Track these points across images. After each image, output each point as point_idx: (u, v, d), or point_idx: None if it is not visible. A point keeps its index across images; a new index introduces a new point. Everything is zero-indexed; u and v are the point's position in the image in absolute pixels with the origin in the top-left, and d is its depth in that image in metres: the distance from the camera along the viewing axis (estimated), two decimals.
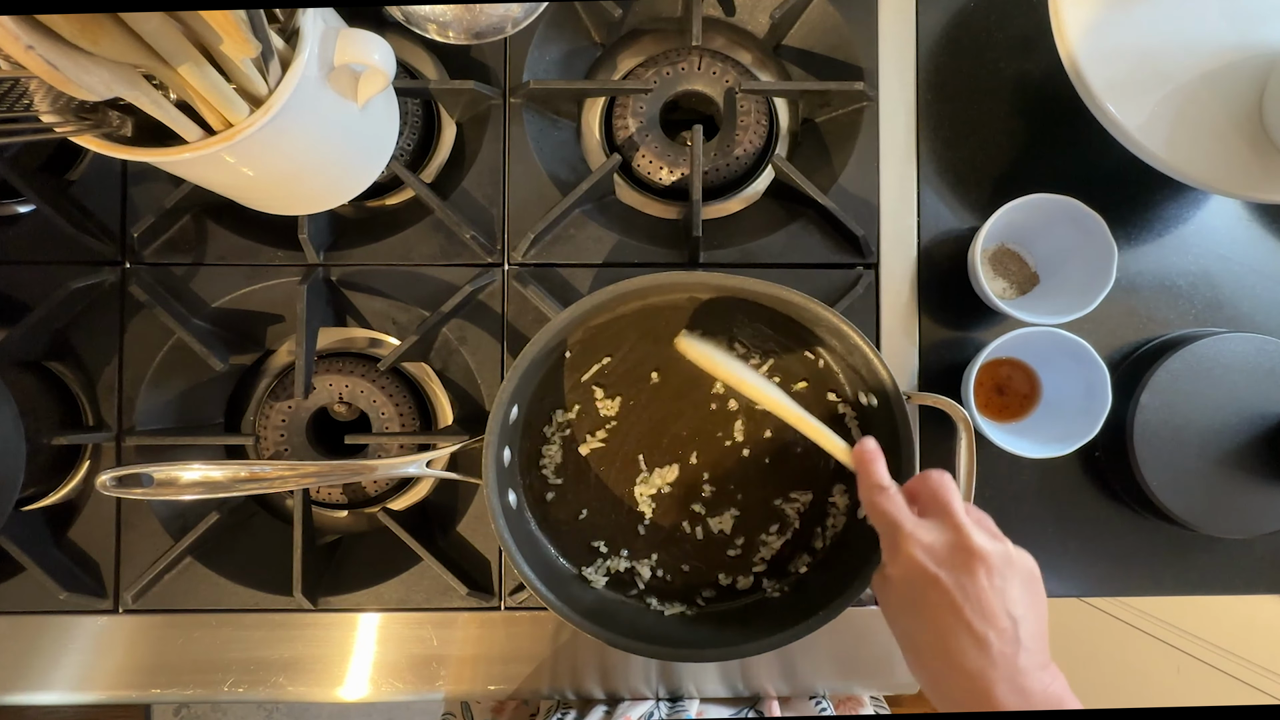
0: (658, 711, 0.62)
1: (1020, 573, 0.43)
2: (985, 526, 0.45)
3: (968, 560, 0.42)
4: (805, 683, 0.64)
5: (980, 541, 0.43)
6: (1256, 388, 0.60)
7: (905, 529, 0.45)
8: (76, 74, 0.36)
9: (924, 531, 0.44)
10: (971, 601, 0.41)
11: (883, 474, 0.48)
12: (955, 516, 0.44)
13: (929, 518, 0.45)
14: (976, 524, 0.44)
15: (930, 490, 0.46)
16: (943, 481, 0.46)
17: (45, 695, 0.63)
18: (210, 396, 0.65)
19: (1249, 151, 0.56)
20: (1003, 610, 0.41)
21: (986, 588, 0.41)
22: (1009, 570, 0.42)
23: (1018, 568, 0.43)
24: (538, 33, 0.62)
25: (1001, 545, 0.43)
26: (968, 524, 0.43)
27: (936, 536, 0.44)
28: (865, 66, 0.63)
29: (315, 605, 0.60)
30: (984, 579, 0.42)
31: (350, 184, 0.57)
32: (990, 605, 0.41)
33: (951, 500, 0.45)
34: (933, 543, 0.43)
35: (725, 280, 0.55)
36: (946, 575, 0.42)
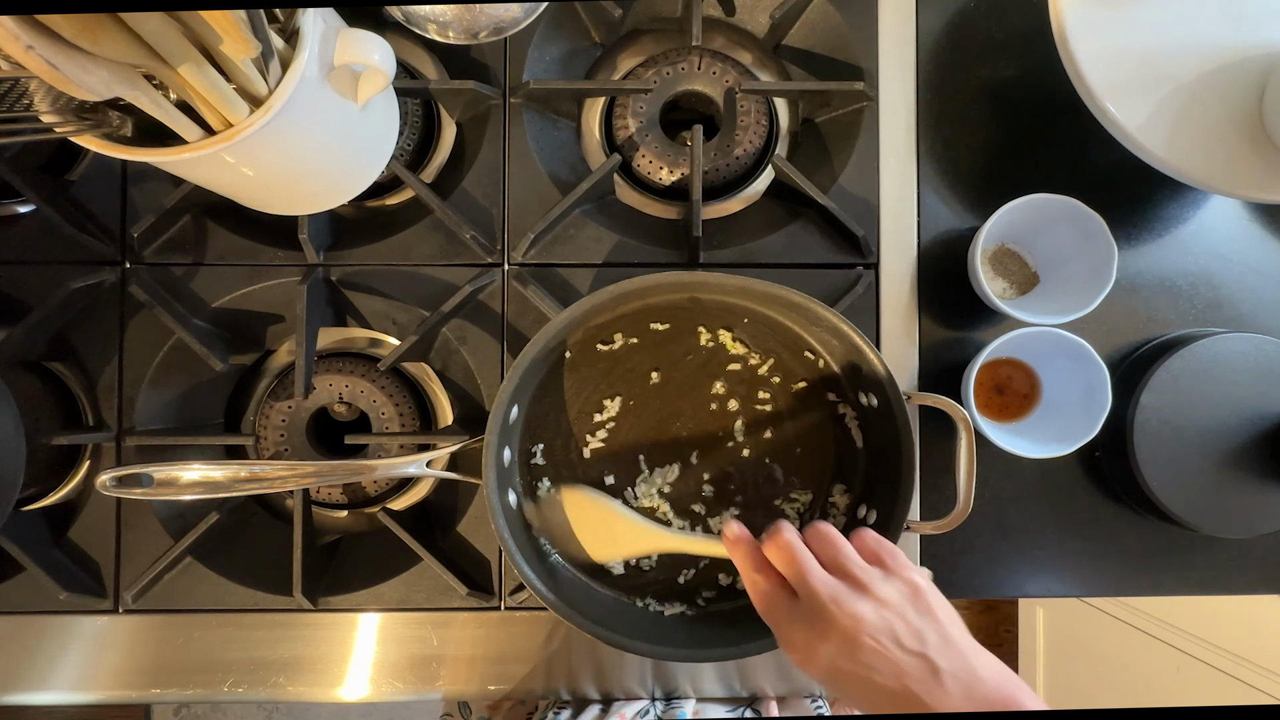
0: (653, 710, 0.62)
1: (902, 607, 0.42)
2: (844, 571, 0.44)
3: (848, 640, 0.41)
4: (803, 683, 0.64)
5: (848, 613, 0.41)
6: (1256, 388, 0.60)
7: (785, 637, 0.44)
8: (76, 74, 0.36)
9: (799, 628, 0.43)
10: (877, 670, 0.40)
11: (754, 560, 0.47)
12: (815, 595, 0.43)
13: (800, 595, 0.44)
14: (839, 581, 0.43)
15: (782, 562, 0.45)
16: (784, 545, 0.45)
17: (45, 695, 0.63)
18: (210, 396, 0.65)
19: (1249, 151, 0.56)
20: (904, 656, 0.40)
21: (878, 650, 0.40)
22: (890, 617, 0.41)
23: (894, 605, 0.42)
24: (538, 33, 0.62)
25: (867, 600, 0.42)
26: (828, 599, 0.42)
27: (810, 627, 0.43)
28: (865, 66, 0.63)
29: (315, 605, 0.60)
30: (871, 644, 0.41)
31: (350, 184, 0.57)
32: (894, 662, 0.40)
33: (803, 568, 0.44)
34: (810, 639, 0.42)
35: (725, 280, 0.55)
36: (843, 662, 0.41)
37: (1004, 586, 0.65)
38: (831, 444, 0.60)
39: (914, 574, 0.44)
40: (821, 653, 0.42)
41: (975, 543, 0.64)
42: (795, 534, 0.46)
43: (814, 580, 0.43)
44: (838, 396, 0.60)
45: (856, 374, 0.58)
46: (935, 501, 0.63)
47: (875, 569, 0.44)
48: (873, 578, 0.43)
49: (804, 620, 0.43)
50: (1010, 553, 0.64)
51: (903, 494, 0.54)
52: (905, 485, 0.54)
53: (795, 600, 0.45)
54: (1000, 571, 0.64)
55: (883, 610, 0.42)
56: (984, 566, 0.64)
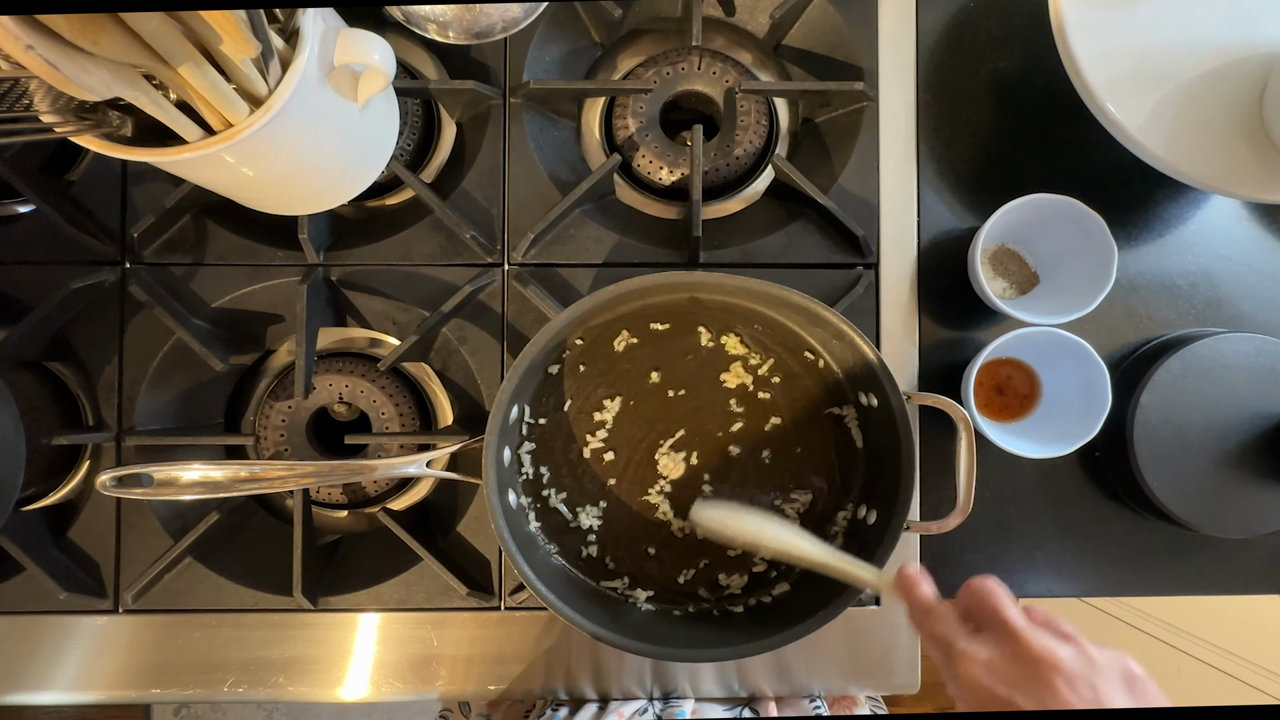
0: (652, 709, 0.62)
1: (1113, 675, 0.36)
2: (1055, 628, 0.39)
3: (1037, 672, 0.36)
4: (802, 683, 0.64)
5: (1044, 644, 0.37)
6: (1256, 388, 0.60)
7: (957, 647, 0.39)
8: (76, 74, 0.36)
9: (978, 648, 0.38)
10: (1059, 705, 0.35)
11: (928, 596, 0.43)
12: (1009, 623, 0.38)
13: (986, 629, 0.40)
14: (1040, 626, 0.39)
15: (976, 598, 0.41)
16: (987, 586, 0.41)
17: (45, 695, 0.63)
18: (210, 396, 0.65)
19: (1249, 151, 0.56)
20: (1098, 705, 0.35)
21: (1074, 700, 0.35)
22: (1094, 674, 0.36)
23: (1105, 669, 0.36)
24: (538, 33, 0.62)
25: (1071, 646, 0.37)
26: (1024, 627, 0.38)
27: (993, 651, 0.38)
28: (865, 66, 0.63)
29: (315, 605, 0.60)
30: (1066, 691, 0.35)
31: (350, 184, 0.57)
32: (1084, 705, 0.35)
33: (1001, 605, 0.39)
34: (990, 659, 0.38)
35: (725, 280, 0.55)
36: (1020, 696, 0.36)
37: None
38: (831, 444, 0.60)
39: (1131, 660, 0.38)
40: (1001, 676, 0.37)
41: (975, 543, 0.64)
42: (1000, 582, 0.42)
43: (1013, 613, 0.39)
44: (837, 397, 0.60)
45: (856, 374, 0.58)
46: (935, 501, 0.63)
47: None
48: (1083, 639, 0.38)
49: (988, 645, 0.39)
50: (1010, 553, 0.64)
51: (903, 494, 0.54)
52: (905, 485, 0.54)
53: (975, 632, 0.40)
54: (1000, 571, 0.64)
55: (1087, 662, 0.37)
56: (984, 566, 0.64)
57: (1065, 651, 0.37)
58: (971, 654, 0.38)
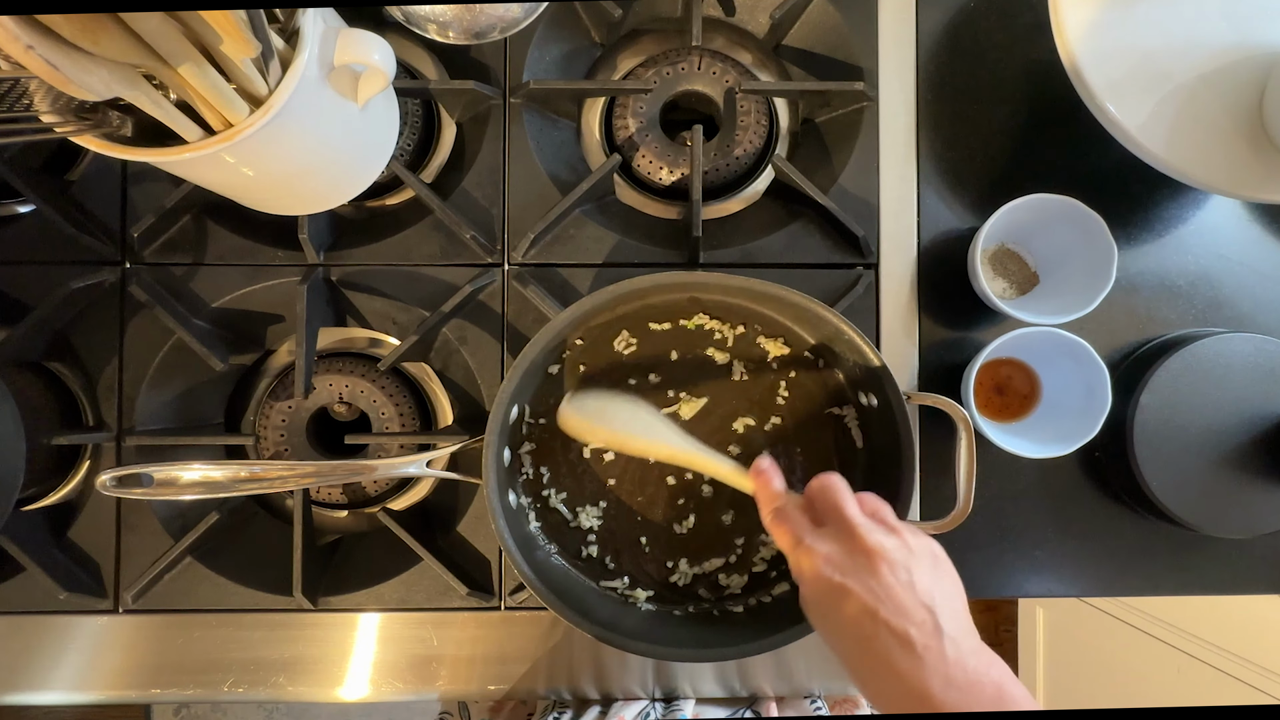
0: (654, 711, 0.62)
1: (924, 559, 0.42)
2: (882, 519, 0.44)
3: (868, 561, 0.41)
4: (802, 683, 0.64)
5: (875, 539, 0.42)
6: (1256, 388, 0.60)
7: (804, 544, 0.44)
8: (76, 74, 0.36)
9: (820, 542, 0.43)
10: (884, 602, 0.40)
11: (777, 490, 0.48)
12: (848, 520, 0.43)
13: (827, 523, 0.45)
14: (871, 519, 0.44)
15: (821, 497, 0.46)
16: (829, 483, 0.46)
17: (45, 695, 0.63)
18: (210, 396, 0.65)
19: (1249, 151, 0.56)
20: (916, 603, 0.40)
21: (893, 584, 0.41)
22: (911, 560, 0.42)
23: (919, 554, 0.42)
24: (538, 33, 0.62)
25: (896, 537, 0.43)
26: (860, 523, 0.43)
27: (833, 544, 0.43)
28: (865, 66, 0.63)
29: (315, 605, 0.60)
30: (888, 575, 0.41)
31: (350, 184, 0.57)
32: (902, 600, 0.40)
33: (841, 501, 0.44)
34: (830, 551, 0.43)
35: (725, 280, 0.55)
36: (852, 581, 0.41)
37: (1004, 586, 0.65)
38: (831, 444, 0.60)
39: (936, 545, 0.44)
40: (838, 568, 0.42)
41: (975, 543, 0.64)
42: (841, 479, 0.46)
43: (849, 508, 0.44)
44: (838, 397, 0.60)
45: (856, 374, 0.58)
46: (935, 501, 0.63)
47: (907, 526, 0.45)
48: (905, 530, 0.44)
49: (827, 539, 0.43)
50: (1010, 553, 0.64)
51: (903, 494, 0.54)
52: (905, 485, 0.54)
53: (817, 528, 0.45)
54: (1000, 571, 0.64)
55: (906, 551, 0.42)
56: (984, 566, 0.64)
57: (891, 542, 0.42)
58: (814, 548, 0.43)
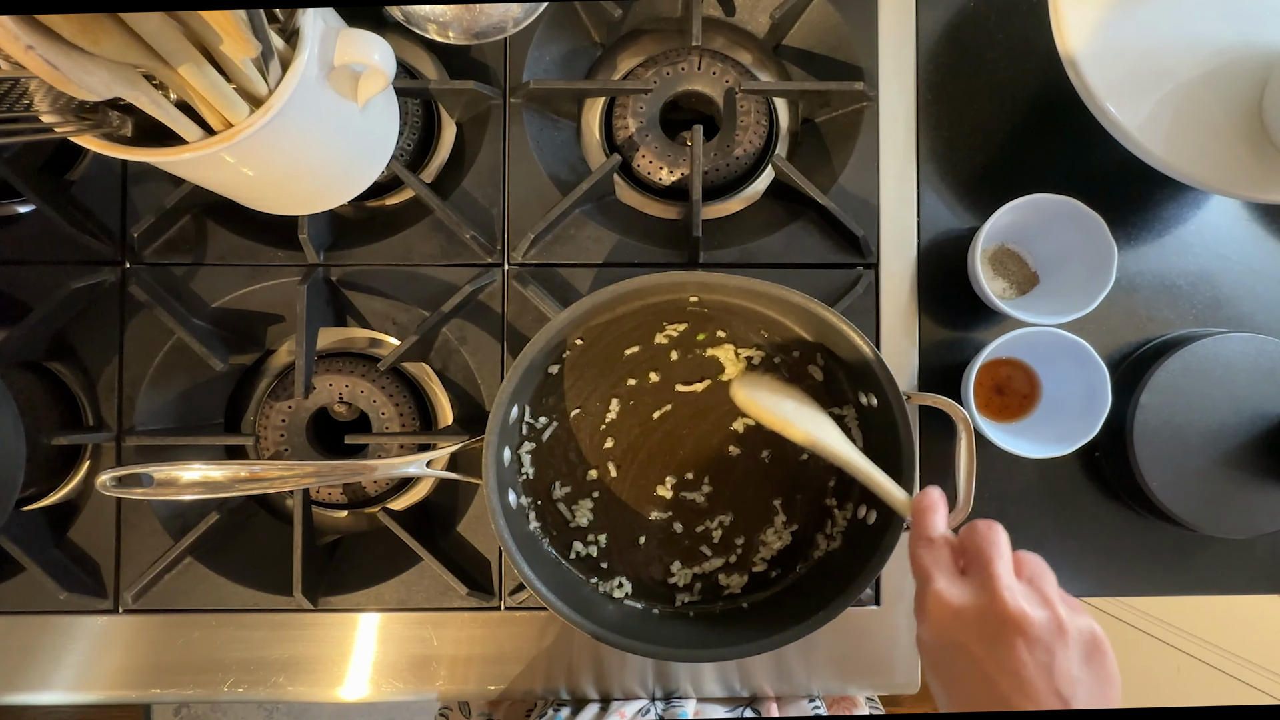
0: (654, 710, 0.62)
1: (1077, 646, 0.37)
2: (1037, 588, 0.39)
3: (1001, 628, 0.37)
4: (802, 683, 0.64)
5: (1018, 606, 0.37)
6: (1256, 388, 0.60)
7: (933, 587, 0.40)
8: (76, 74, 0.36)
9: (955, 591, 0.39)
10: (1008, 675, 0.36)
11: (935, 526, 0.43)
12: (994, 578, 0.38)
13: (971, 574, 0.40)
14: (1024, 585, 0.39)
15: (974, 544, 0.41)
16: (988, 535, 0.41)
17: (45, 695, 0.63)
18: (210, 396, 0.65)
19: (1249, 151, 0.56)
20: (1048, 689, 0.36)
21: (1027, 662, 0.36)
22: (1057, 642, 0.37)
23: (1072, 640, 0.37)
24: (538, 33, 0.62)
25: (1047, 612, 0.37)
26: (1006, 585, 0.38)
27: (969, 598, 0.39)
28: (865, 66, 0.63)
29: (315, 605, 0.60)
30: (1023, 652, 0.36)
31: (350, 184, 0.57)
32: (1031, 682, 0.36)
33: (993, 556, 0.39)
34: (963, 605, 0.38)
35: (725, 280, 0.55)
36: (976, 645, 0.37)
37: None
38: None
39: (1099, 631, 0.39)
40: (966, 623, 0.38)
41: None
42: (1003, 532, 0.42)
43: (1000, 565, 0.39)
44: (838, 397, 0.60)
45: (856, 374, 0.58)
46: None
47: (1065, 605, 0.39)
48: (1061, 605, 0.38)
49: (966, 589, 0.39)
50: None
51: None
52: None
53: (960, 577, 0.41)
54: None
55: (1055, 630, 0.37)
56: None
57: (1037, 614, 0.37)
58: (944, 595, 0.39)
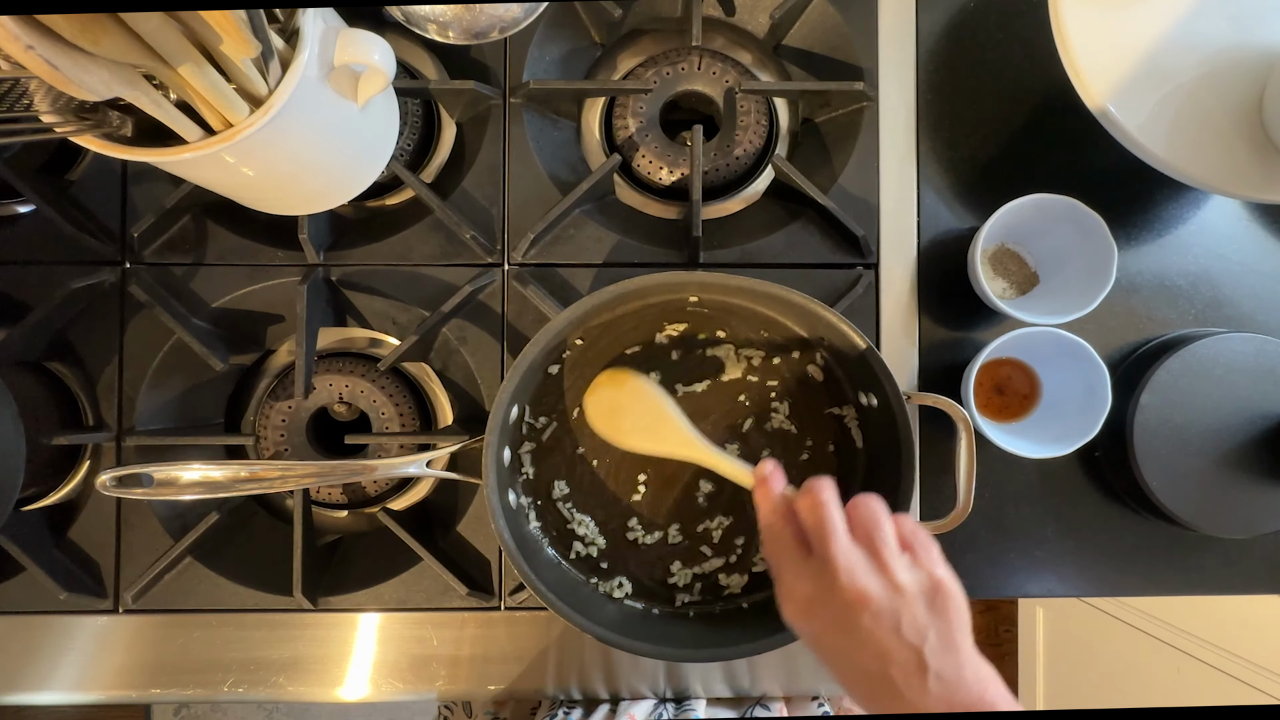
0: (665, 712, 0.62)
1: (917, 600, 0.40)
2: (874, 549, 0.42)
3: (845, 611, 0.40)
4: (809, 684, 0.64)
5: (857, 585, 0.40)
6: (1256, 388, 0.60)
7: (782, 586, 0.43)
8: (76, 74, 0.36)
9: (800, 583, 0.42)
10: (865, 649, 0.39)
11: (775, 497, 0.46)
12: (831, 558, 0.41)
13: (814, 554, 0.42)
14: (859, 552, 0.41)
15: (806, 516, 0.43)
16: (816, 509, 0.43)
17: (45, 695, 0.63)
18: (210, 396, 0.65)
19: (1249, 151, 0.56)
20: (899, 645, 0.39)
21: (875, 631, 0.39)
22: (900, 604, 0.40)
23: (911, 596, 0.40)
24: (538, 33, 0.62)
25: (881, 580, 0.40)
26: (841, 565, 0.41)
27: (812, 587, 0.42)
28: (865, 66, 0.63)
29: (315, 605, 0.60)
30: (869, 623, 0.39)
31: (350, 184, 0.57)
32: (883, 644, 0.39)
33: (826, 535, 0.42)
34: (809, 597, 0.42)
35: (725, 280, 0.55)
36: (830, 634, 0.41)
37: (1004, 586, 0.65)
38: (831, 444, 0.60)
39: (941, 570, 0.42)
40: (816, 614, 0.41)
41: (975, 543, 0.64)
42: (834, 494, 0.44)
43: (835, 545, 0.41)
44: (838, 397, 0.60)
45: (856, 374, 0.58)
46: (935, 501, 0.63)
47: (905, 555, 0.42)
48: (897, 562, 0.41)
49: (810, 577, 0.42)
50: (1010, 553, 0.64)
51: (903, 494, 0.54)
52: (905, 485, 0.54)
53: (807, 555, 0.43)
54: (1000, 571, 0.64)
55: (894, 595, 0.40)
56: (984, 566, 0.64)
57: (874, 587, 0.40)
58: (792, 592, 0.42)
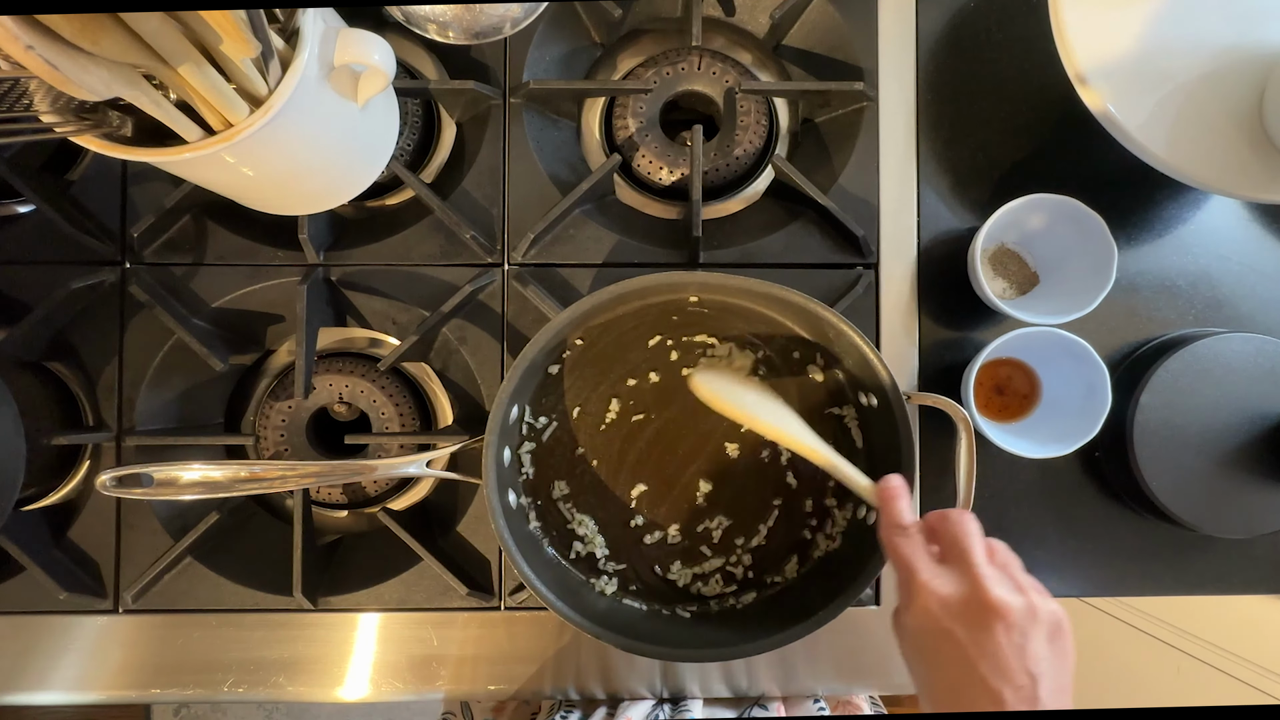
0: (661, 713, 0.62)
1: (1044, 627, 0.41)
2: (1010, 574, 0.42)
3: (983, 615, 0.40)
4: (805, 683, 0.64)
5: (999, 595, 0.40)
6: (1256, 388, 0.60)
7: (920, 578, 0.43)
8: (76, 74, 0.36)
9: (940, 582, 0.42)
10: (987, 658, 0.39)
11: (904, 513, 0.47)
12: (974, 567, 0.42)
13: (949, 563, 0.43)
14: (999, 571, 0.42)
15: (950, 534, 0.44)
16: (963, 525, 0.44)
17: (45, 695, 0.63)
18: (210, 396, 0.65)
19: (1249, 151, 0.56)
20: (1020, 668, 0.39)
21: (1004, 644, 0.40)
22: (1031, 626, 0.40)
23: (1041, 622, 0.41)
24: (538, 33, 0.62)
25: (1023, 598, 0.41)
26: (986, 575, 0.41)
27: (953, 588, 0.42)
28: (865, 66, 0.63)
29: (315, 605, 0.60)
30: (1001, 636, 0.40)
31: (350, 184, 0.57)
32: (1007, 663, 0.39)
33: (971, 547, 0.43)
34: (949, 595, 0.42)
35: (725, 280, 0.55)
36: (961, 631, 0.40)
37: None
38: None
39: (1060, 610, 0.42)
40: (947, 612, 0.41)
41: None
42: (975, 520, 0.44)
43: (978, 555, 0.42)
44: (838, 397, 0.60)
45: (856, 374, 0.58)
46: (935, 501, 0.63)
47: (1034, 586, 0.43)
48: (1032, 591, 0.42)
49: (947, 579, 0.42)
50: None
51: None
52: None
53: (937, 563, 0.43)
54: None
55: (1029, 615, 0.40)
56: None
57: (1016, 602, 0.41)
58: (933, 588, 0.42)
